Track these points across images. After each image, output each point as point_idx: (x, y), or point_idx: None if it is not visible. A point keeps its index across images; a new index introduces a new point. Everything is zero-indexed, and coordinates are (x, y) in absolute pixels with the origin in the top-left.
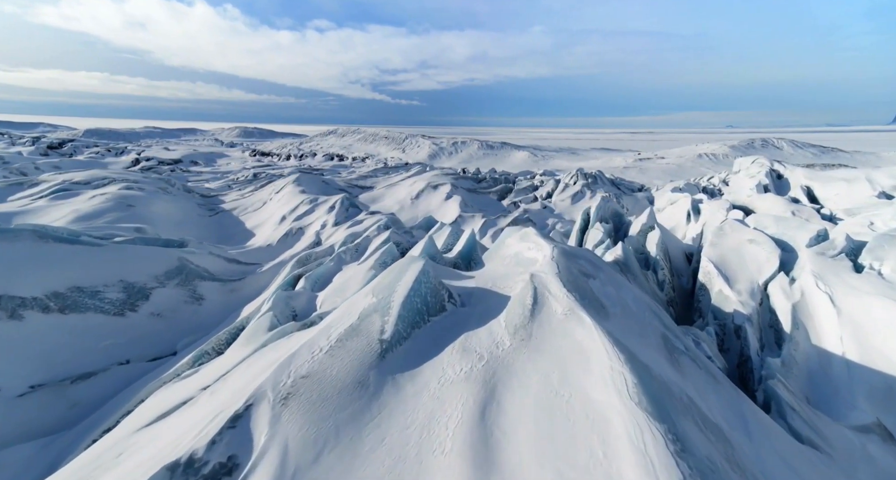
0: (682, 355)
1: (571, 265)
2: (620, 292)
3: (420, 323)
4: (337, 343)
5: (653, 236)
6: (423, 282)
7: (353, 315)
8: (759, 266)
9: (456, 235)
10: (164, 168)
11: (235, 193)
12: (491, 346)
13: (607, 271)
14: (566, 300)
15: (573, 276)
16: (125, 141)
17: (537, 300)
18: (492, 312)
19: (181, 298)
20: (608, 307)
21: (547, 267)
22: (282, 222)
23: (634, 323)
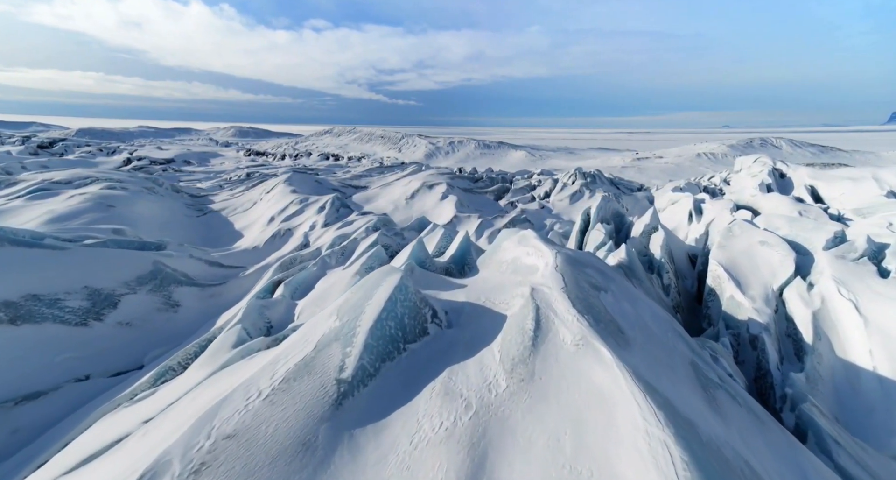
0: (718, 389)
1: (579, 276)
2: (637, 309)
3: (393, 354)
4: (282, 385)
5: (657, 238)
6: (399, 300)
7: (309, 344)
8: (772, 270)
9: (449, 237)
10: (156, 168)
11: (226, 193)
12: (481, 387)
13: (619, 281)
14: (577, 324)
15: (582, 290)
16: (118, 141)
17: (540, 323)
18: (484, 336)
19: (154, 305)
20: (626, 330)
21: (550, 279)
22: (270, 223)
23: (660, 351)
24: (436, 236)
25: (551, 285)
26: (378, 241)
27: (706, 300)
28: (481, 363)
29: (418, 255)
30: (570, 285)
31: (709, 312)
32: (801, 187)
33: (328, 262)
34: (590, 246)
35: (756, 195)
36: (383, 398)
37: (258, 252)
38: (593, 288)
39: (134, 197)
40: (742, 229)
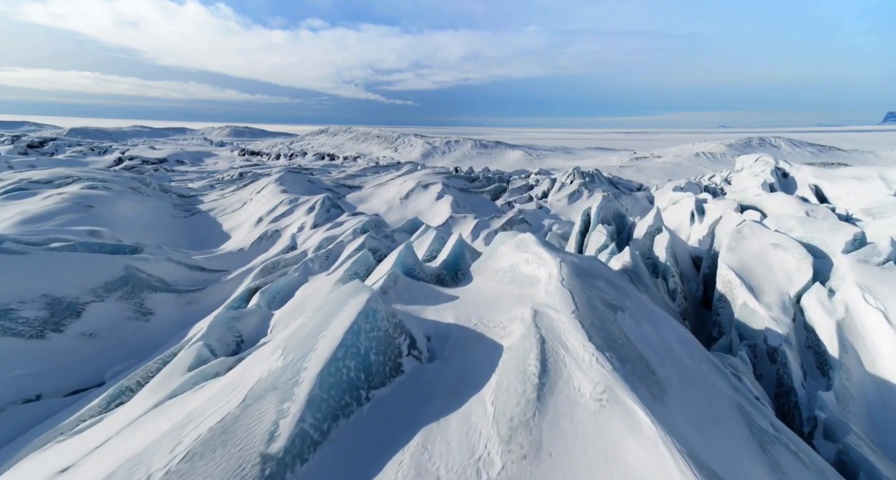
0: (776, 444)
1: (590, 292)
2: (661, 331)
3: (350, 407)
4: (181, 466)
5: (661, 240)
6: (364, 331)
7: (237, 394)
8: (788, 275)
9: (441, 240)
10: (148, 167)
11: (216, 193)
12: (467, 467)
13: (634, 295)
14: (597, 368)
15: (596, 312)
16: (111, 140)
17: (547, 364)
18: (474, 376)
19: (123, 313)
20: (656, 367)
21: (557, 297)
22: (258, 224)
23: (701, 395)
24: (427, 239)
25: (558, 307)
26: (365, 244)
27: (716, 307)
28: (468, 422)
29: (405, 261)
30: (582, 307)
31: (719, 319)
32: (804, 187)
33: (311, 267)
34: (591, 249)
35: (760, 195)
36: None
37: (244, 255)
38: (608, 308)
39: (116, 197)
40: (752, 230)
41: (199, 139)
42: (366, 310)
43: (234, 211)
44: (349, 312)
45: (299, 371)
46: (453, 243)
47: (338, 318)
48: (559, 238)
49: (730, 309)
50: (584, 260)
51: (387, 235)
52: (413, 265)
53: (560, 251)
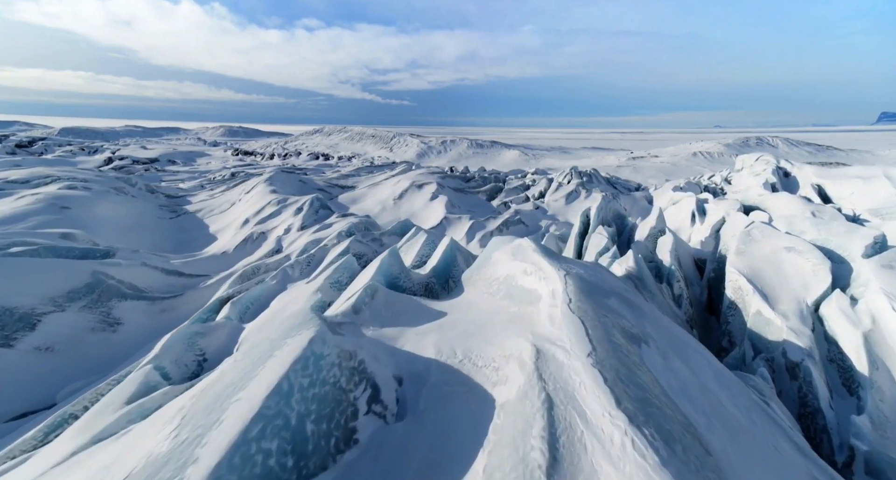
0: None
1: (605, 319)
2: (694, 368)
3: None
4: None
5: (664, 242)
6: (297, 389)
7: None
8: (804, 282)
9: (432, 244)
10: (138, 167)
11: (205, 193)
12: None
13: (651, 314)
14: (636, 459)
15: (619, 353)
16: (103, 140)
17: (557, 448)
18: (455, 451)
19: (86, 324)
20: (703, 431)
21: (565, 329)
22: (244, 226)
23: (765, 468)
24: (417, 243)
25: (568, 345)
26: (349, 249)
27: (725, 315)
28: None
29: (388, 270)
30: (600, 345)
31: (729, 328)
32: (807, 187)
33: (290, 274)
34: (591, 252)
35: (763, 195)
36: None
37: (227, 258)
38: (630, 341)
39: (96, 198)
40: (763, 232)
41: (192, 139)
42: (304, 357)
43: (222, 212)
44: (282, 359)
45: (186, 464)
46: (444, 249)
47: (265, 368)
48: (557, 240)
49: (741, 318)
50: (590, 270)
51: (375, 238)
52: (398, 274)
53: (562, 260)
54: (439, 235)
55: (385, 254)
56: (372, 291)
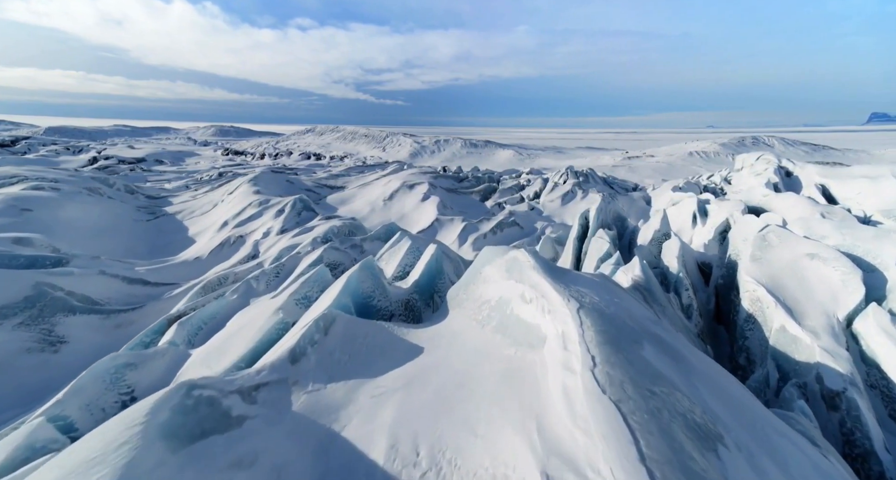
0: None
1: (653, 398)
2: (792, 473)
3: None
4: None
5: (670, 247)
6: None
7: None
8: (832, 293)
9: (416, 251)
10: (124, 167)
11: (189, 194)
12: None
13: (711, 377)
14: None
15: (683, 465)
16: (90, 140)
17: None
18: None
19: (21, 344)
20: None
21: (596, 433)
22: (222, 229)
23: None
24: (400, 251)
25: (602, 461)
26: (322, 258)
27: (742, 329)
28: None
29: (357, 288)
30: (662, 471)
31: (747, 344)
32: (811, 187)
33: (254, 287)
34: (591, 258)
35: (768, 195)
36: None
37: (200, 264)
38: (700, 442)
39: (64, 199)
40: (781, 237)
41: (182, 139)
42: None
43: (203, 214)
44: None
45: None
46: (428, 260)
47: None
48: (554, 243)
49: (761, 333)
50: (604, 294)
51: (355, 244)
52: (371, 292)
53: (568, 279)
54: (426, 241)
55: (355, 269)
56: (326, 323)
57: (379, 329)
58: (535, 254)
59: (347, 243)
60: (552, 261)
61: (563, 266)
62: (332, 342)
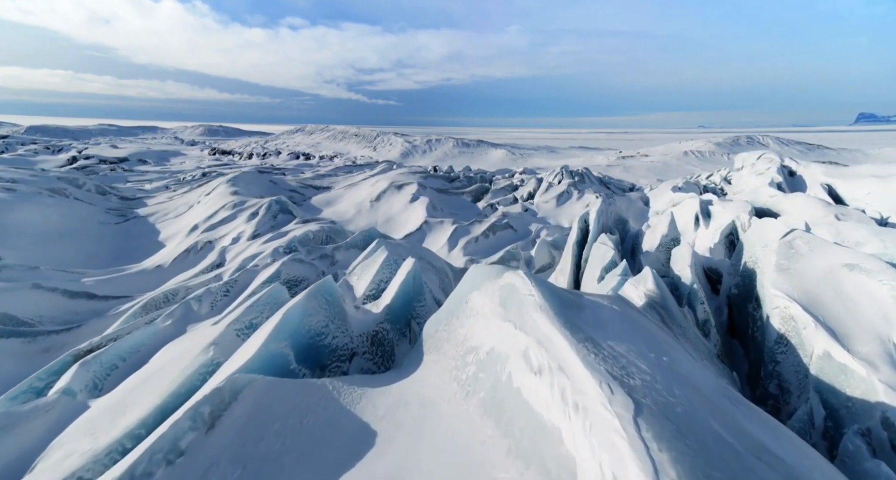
0: None
1: None
2: None
3: None
4: None
5: (681, 254)
6: None
7: None
8: (883, 313)
9: (394, 265)
10: (104, 167)
11: (166, 195)
12: None
13: None
14: None
15: None
16: (73, 139)
17: None
18: None
19: None
20: None
21: None
22: (190, 234)
23: None
24: (374, 263)
25: None
26: (280, 273)
27: (771, 352)
28: None
29: (299, 326)
30: None
31: (778, 369)
32: (816, 187)
33: (194, 310)
34: (594, 266)
35: (776, 196)
36: None
37: (160, 274)
38: None
39: (17, 201)
40: (811, 244)
41: (169, 138)
42: None
43: (177, 216)
44: None
45: None
46: (403, 278)
47: None
48: (550, 247)
49: (796, 357)
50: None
51: (325, 254)
52: (322, 328)
53: (588, 319)
54: (408, 249)
55: (300, 298)
56: (218, 405)
57: (314, 398)
58: (539, 283)
59: (317, 254)
60: (548, 267)
61: (563, 274)
62: (221, 437)
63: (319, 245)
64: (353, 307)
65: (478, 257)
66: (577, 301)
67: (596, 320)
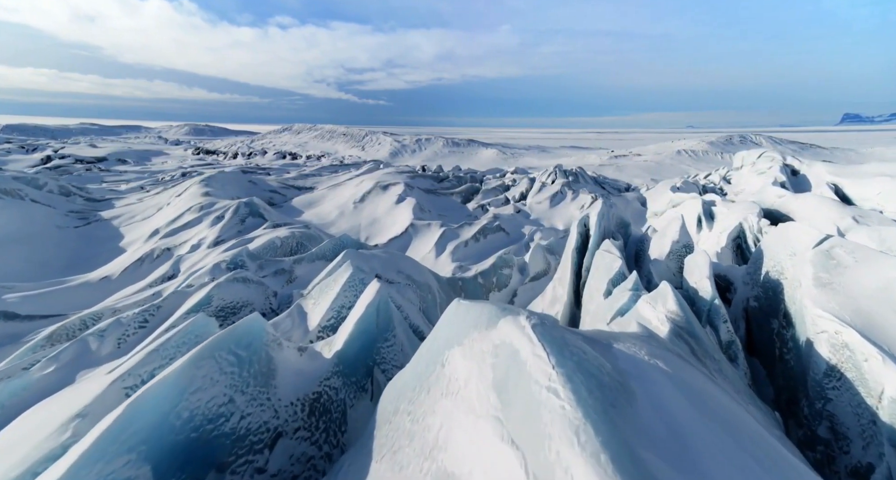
0: None
1: None
2: None
3: None
4: None
5: (697, 264)
6: None
7: None
8: None
9: (358, 286)
10: (79, 167)
11: (137, 196)
12: None
13: None
14: None
15: None
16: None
17: None
18: None
19: None
20: None
21: None
22: (149, 239)
23: None
24: (335, 285)
25: None
26: (210, 299)
27: (820, 387)
28: None
29: (169, 418)
30: None
31: (829, 408)
32: (821, 186)
33: (91, 349)
34: (598, 278)
35: (784, 196)
36: None
37: (106, 287)
38: None
39: None
40: (856, 254)
41: (152, 137)
42: None
43: (144, 219)
44: None
45: None
46: (362, 313)
47: None
48: (545, 252)
49: (855, 396)
50: None
51: (282, 269)
52: (216, 412)
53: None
54: (381, 263)
55: (178, 367)
56: None
57: None
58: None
59: (270, 269)
60: (544, 275)
61: (563, 284)
62: None
63: (277, 258)
64: (295, 351)
65: (467, 263)
66: (619, 379)
67: (671, 433)
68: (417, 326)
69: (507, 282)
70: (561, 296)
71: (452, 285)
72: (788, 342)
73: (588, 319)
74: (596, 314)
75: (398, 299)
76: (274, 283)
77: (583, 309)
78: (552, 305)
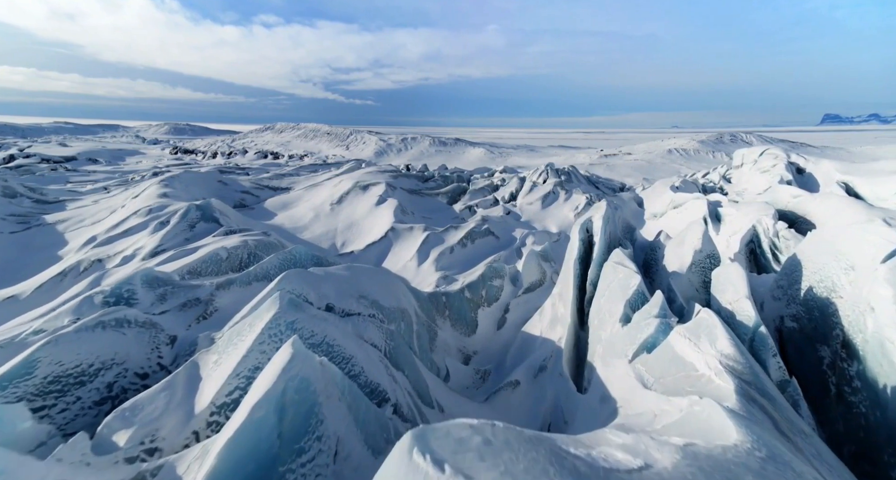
0: None
1: None
2: None
3: None
4: None
5: (730, 279)
6: None
7: None
8: None
9: (285, 333)
10: (44, 166)
11: (92, 198)
12: None
13: None
14: None
15: None
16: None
17: None
18: None
19: None
20: None
21: None
22: (83, 248)
23: None
24: (249, 333)
25: None
26: (36, 363)
27: None
28: None
29: None
30: None
31: None
32: (830, 185)
33: None
34: (613, 300)
35: (800, 196)
36: None
37: (11, 308)
38: None
39: None
40: None
41: (129, 137)
42: None
43: (94, 223)
44: None
45: None
46: (245, 421)
47: None
48: (539, 259)
49: None
50: None
51: (195, 299)
52: None
53: None
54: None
55: None
56: None
57: None
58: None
59: (176, 299)
60: (539, 285)
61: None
62: None
63: (195, 282)
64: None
65: (453, 272)
66: None
67: None
68: (377, 385)
69: (497, 295)
70: (563, 316)
71: (435, 303)
72: (854, 380)
73: (600, 350)
74: (611, 346)
75: (349, 346)
76: (176, 322)
77: (590, 334)
78: (552, 327)
